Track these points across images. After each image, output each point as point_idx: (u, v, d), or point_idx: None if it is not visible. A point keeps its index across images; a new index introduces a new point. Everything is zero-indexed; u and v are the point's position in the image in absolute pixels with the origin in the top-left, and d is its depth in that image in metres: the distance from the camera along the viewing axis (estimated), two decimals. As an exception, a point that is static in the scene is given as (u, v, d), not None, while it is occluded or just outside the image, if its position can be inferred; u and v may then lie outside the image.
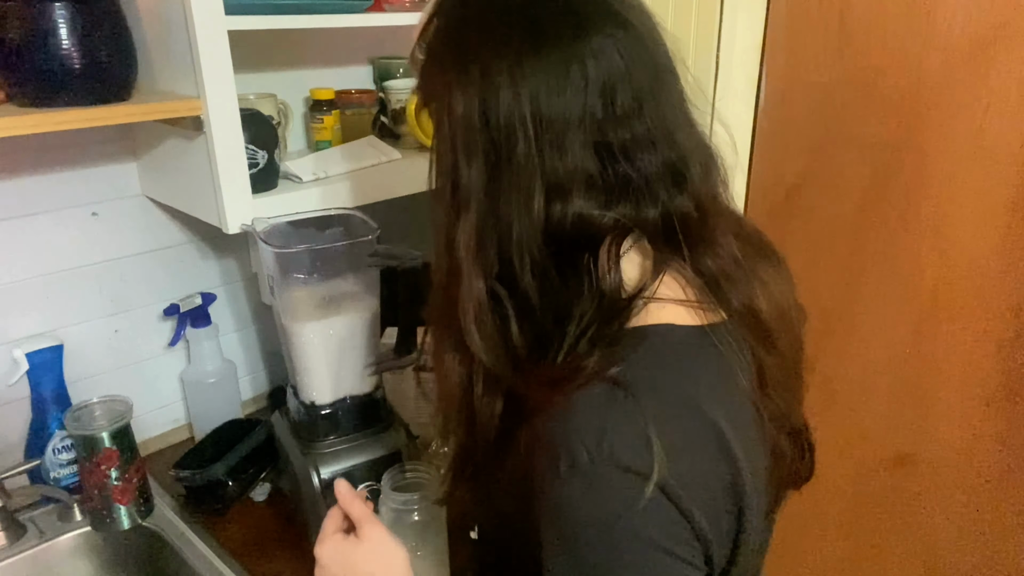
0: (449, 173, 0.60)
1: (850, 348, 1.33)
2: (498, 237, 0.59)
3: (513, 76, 0.57)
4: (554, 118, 0.57)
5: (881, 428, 1.34)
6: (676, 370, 0.57)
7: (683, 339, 0.58)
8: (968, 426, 1.27)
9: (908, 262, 1.24)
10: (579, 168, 0.57)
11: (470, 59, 0.58)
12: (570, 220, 0.58)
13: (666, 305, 0.58)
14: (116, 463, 1.01)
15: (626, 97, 0.58)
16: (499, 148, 0.57)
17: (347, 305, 0.99)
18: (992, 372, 1.23)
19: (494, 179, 0.58)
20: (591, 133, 0.57)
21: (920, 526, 1.37)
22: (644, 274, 0.59)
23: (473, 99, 0.57)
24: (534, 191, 0.57)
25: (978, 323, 1.21)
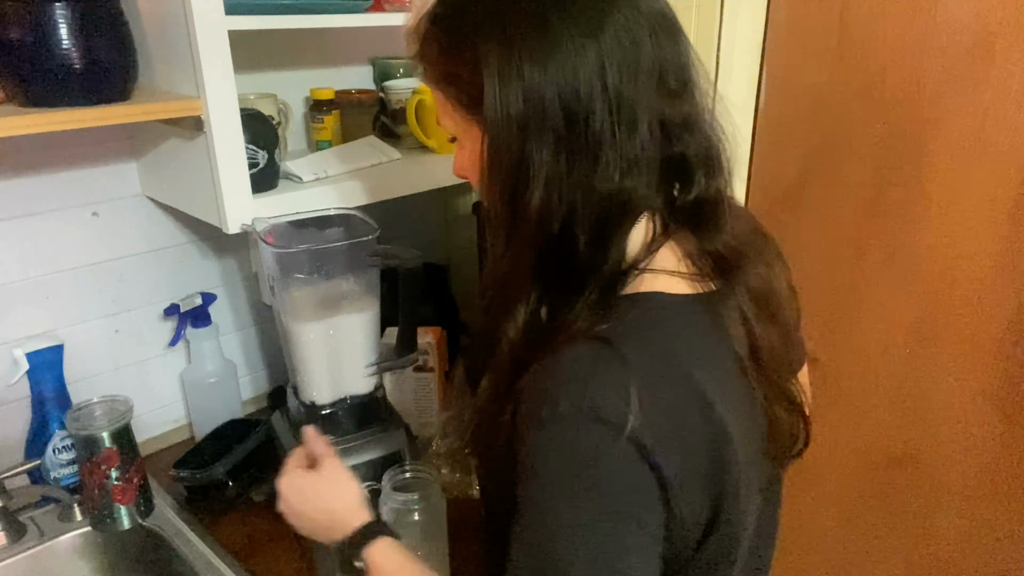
0: (512, 145, 0.58)
1: (850, 348, 1.33)
2: (565, 210, 0.58)
3: (596, 44, 0.55)
4: (629, 92, 0.56)
5: (881, 428, 1.34)
6: (662, 332, 0.58)
7: (672, 305, 0.59)
8: (968, 426, 1.27)
9: (908, 262, 1.24)
10: (646, 146, 0.58)
11: (541, 21, 0.56)
12: (627, 196, 0.58)
13: (659, 275, 0.60)
14: (116, 463, 1.01)
15: (676, 77, 0.59)
16: (574, 120, 0.56)
17: (347, 305, 0.99)
18: (992, 372, 1.23)
19: (566, 152, 0.57)
20: (654, 110, 0.58)
21: (920, 526, 1.37)
22: (644, 247, 0.61)
23: (547, 67, 0.55)
24: (609, 167, 0.57)
25: (978, 323, 1.21)
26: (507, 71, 0.56)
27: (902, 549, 1.40)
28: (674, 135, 0.59)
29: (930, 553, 1.37)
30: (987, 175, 1.14)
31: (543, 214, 0.58)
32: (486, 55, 0.57)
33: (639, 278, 0.60)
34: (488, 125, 0.58)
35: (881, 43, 1.16)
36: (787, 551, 1.51)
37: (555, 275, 0.60)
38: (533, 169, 0.57)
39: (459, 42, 0.60)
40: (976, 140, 1.14)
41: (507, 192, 0.59)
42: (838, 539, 1.46)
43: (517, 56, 0.55)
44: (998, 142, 1.12)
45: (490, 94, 0.57)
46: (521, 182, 0.58)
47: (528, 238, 0.59)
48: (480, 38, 0.57)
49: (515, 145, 0.57)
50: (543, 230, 0.58)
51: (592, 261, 0.59)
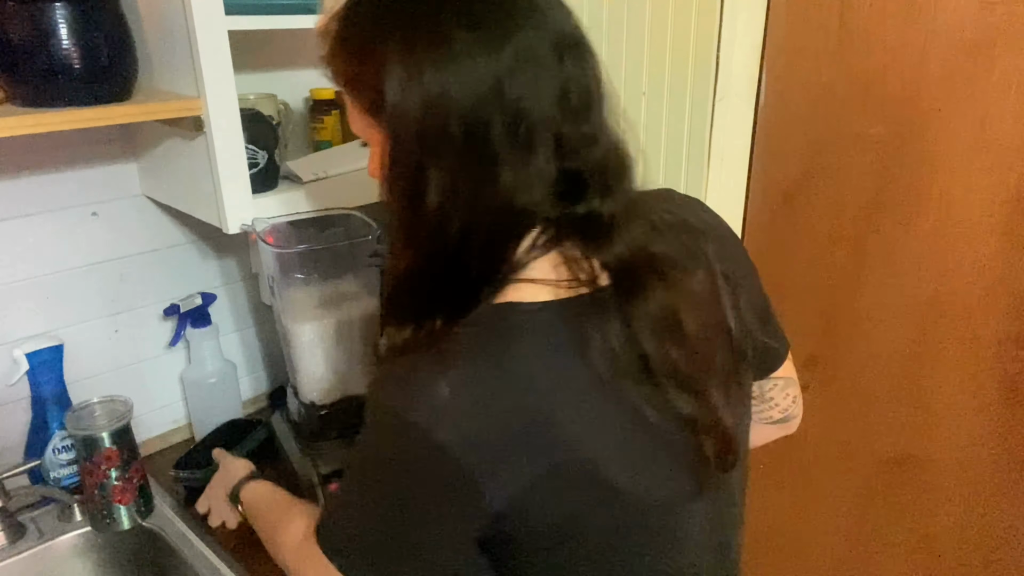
0: (411, 151, 0.58)
1: (850, 348, 1.33)
2: (460, 221, 0.58)
3: (493, 55, 0.56)
4: (528, 108, 0.57)
5: (881, 428, 1.34)
6: (502, 343, 0.58)
7: (523, 314, 0.59)
8: (968, 426, 1.27)
9: (908, 262, 1.24)
10: (541, 162, 0.58)
11: (443, 31, 0.56)
12: (522, 210, 0.59)
13: (523, 285, 0.60)
14: (116, 463, 1.01)
15: (577, 97, 0.59)
16: (471, 132, 0.56)
17: (347, 305, 0.99)
18: (992, 372, 1.23)
19: (463, 163, 0.57)
20: (553, 128, 0.58)
21: (920, 526, 1.37)
22: (524, 255, 0.61)
23: (446, 77, 0.55)
24: (505, 181, 0.57)
25: (979, 323, 1.21)
26: (407, 80, 0.56)
27: (902, 549, 1.40)
28: (571, 152, 0.59)
29: (930, 553, 1.37)
30: (987, 175, 1.14)
31: (439, 223, 0.59)
32: (388, 62, 0.57)
33: (507, 287, 0.60)
34: (388, 132, 0.59)
35: (881, 43, 1.16)
36: (787, 551, 1.52)
37: (447, 285, 0.61)
38: (430, 179, 0.58)
39: (363, 48, 0.60)
40: (976, 140, 1.14)
41: (405, 199, 0.60)
42: (838, 539, 1.46)
43: (417, 65, 0.56)
44: (998, 142, 1.12)
45: (390, 101, 0.57)
46: (419, 190, 0.58)
47: (424, 246, 0.61)
48: (383, 46, 0.58)
49: (413, 153, 0.58)
50: (439, 239, 0.59)
51: (482, 273, 0.60)
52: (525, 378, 0.57)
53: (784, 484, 1.43)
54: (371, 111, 0.61)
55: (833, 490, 1.42)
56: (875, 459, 1.37)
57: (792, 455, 1.42)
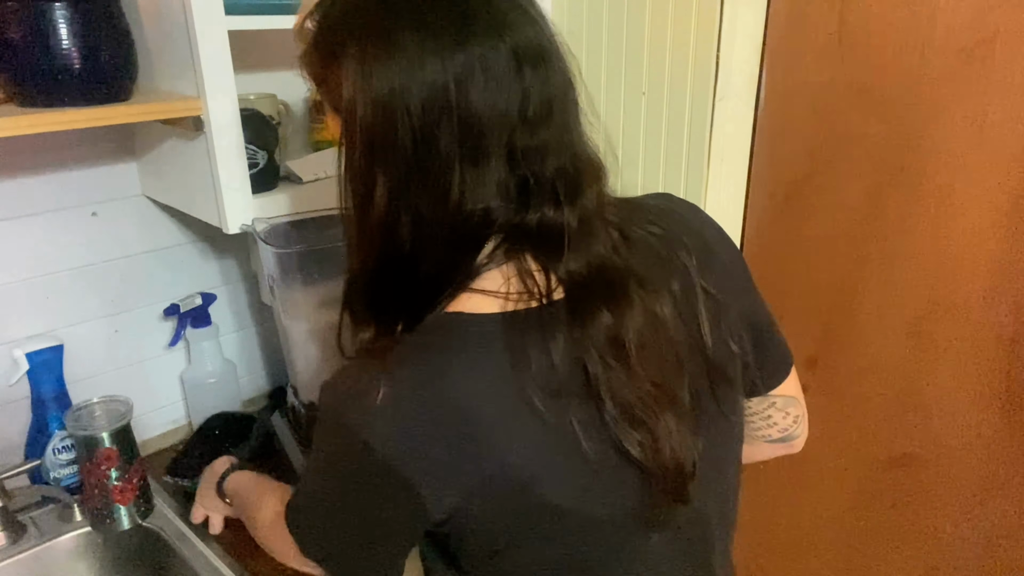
0: (362, 153, 0.59)
1: (850, 348, 1.33)
2: (409, 223, 0.59)
3: (444, 62, 0.55)
4: (479, 113, 0.56)
5: (881, 428, 1.34)
6: (439, 352, 0.59)
7: (465, 324, 0.60)
8: (968, 426, 1.27)
9: (908, 262, 1.24)
10: (492, 172, 0.58)
11: (394, 35, 0.56)
12: (476, 218, 0.59)
13: (474, 295, 0.60)
14: (116, 463, 1.01)
15: (538, 107, 0.59)
16: (419, 136, 0.56)
17: (347, 305, 0.99)
18: (992, 372, 1.23)
19: (411, 167, 0.57)
20: (505, 136, 0.58)
21: (920, 526, 1.37)
22: (476, 267, 0.61)
23: (395, 80, 0.56)
24: (452, 186, 0.57)
25: (978, 323, 1.21)
26: (359, 83, 0.57)
27: (902, 549, 1.40)
28: (525, 161, 0.59)
29: (930, 553, 1.37)
30: (987, 175, 1.14)
31: (388, 227, 0.59)
32: (345, 64, 0.58)
33: (458, 296, 0.60)
34: (341, 128, 0.60)
35: (881, 43, 1.16)
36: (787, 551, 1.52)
37: (402, 290, 0.62)
38: (378, 182, 0.58)
39: (329, 47, 0.61)
40: (976, 140, 1.14)
41: (355, 199, 0.61)
42: (838, 539, 1.46)
43: (368, 66, 0.56)
44: (998, 142, 1.12)
45: (345, 102, 0.58)
46: (367, 193, 0.59)
47: (374, 248, 0.61)
48: (342, 47, 0.58)
49: (364, 155, 0.59)
50: (389, 243, 0.60)
51: (437, 279, 0.60)
52: (458, 390, 0.57)
53: (784, 484, 1.43)
54: (333, 106, 0.62)
55: (833, 490, 1.42)
56: (875, 459, 1.37)
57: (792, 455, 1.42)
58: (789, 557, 1.50)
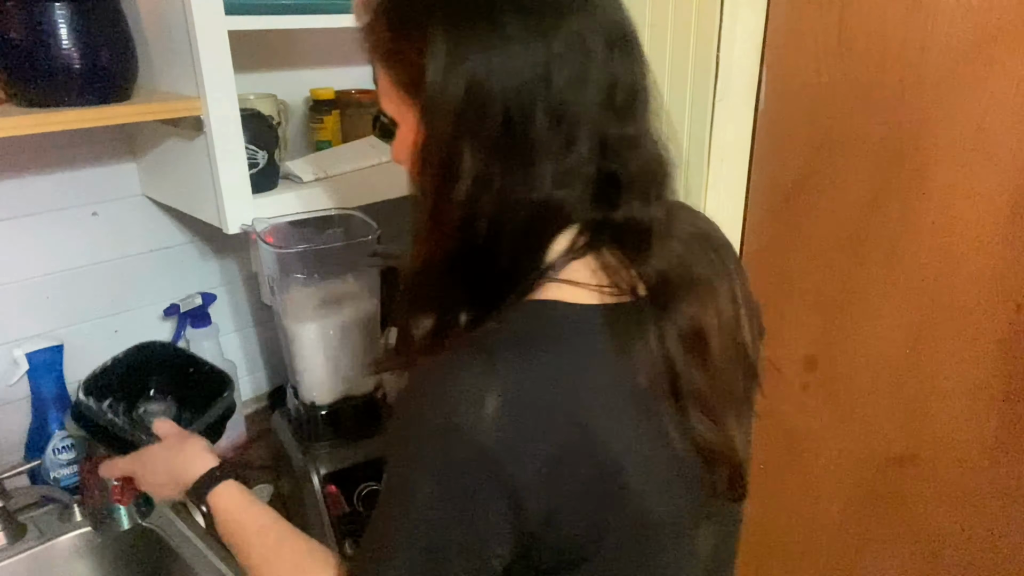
0: (446, 135, 0.56)
1: (850, 348, 1.33)
2: (491, 212, 0.56)
3: (545, 44, 0.53)
4: (574, 101, 0.54)
5: (881, 428, 1.34)
6: (546, 343, 0.57)
7: (566, 314, 0.58)
8: (968, 426, 1.27)
9: (908, 262, 1.24)
10: (582, 160, 0.56)
11: (493, 14, 0.54)
12: (558, 208, 0.57)
13: (563, 286, 0.58)
14: (116, 463, 1.01)
15: (625, 95, 0.57)
16: (512, 121, 0.54)
17: (347, 305, 0.99)
18: (992, 372, 1.23)
19: (500, 152, 0.55)
20: (597, 124, 0.56)
21: (920, 526, 1.37)
22: (560, 256, 0.59)
23: (493, 61, 0.53)
24: (541, 173, 0.55)
25: (979, 323, 1.21)
26: (451, 58, 0.54)
27: (902, 549, 1.40)
28: (613, 153, 0.57)
29: (930, 553, 1.37)
30: (987, 175, 1.14)
31: (468, 213, 0.56)
32: (433, 38, 0.54)
33: (544, 286, 0.58)
34: (424, 112, 0.57)
35: (881, 43, 1.16)
36: (787, 551, 1.52)
37: (475, 278, 0.60)
38: (464, 165, 0.55)
39: (408, 21, 0.58)
40: (976, 140, 1.14)
41: (435, 184, 0.58)
42: (838, 539, 1.46)
43: (464, 44, 0.54)
44: (998, 142, 1.12)
45: (431, 79, 0.55)
46: (450, 176, 0.56)
47: (449, 235, 0.58)
48: (430, 20, 0.55)
49: (449, 137, 0.56)
50: (466, 229, 0.57)
51: (512, 268, 0.58)
52: (569, 382, 0.56)
53: (784, 484, 1.43)
54: (408, 88, 0.59)
55: (833, 490, 1.42)
56: (875, 459, 1.37)
57: (792, 455, 1.42)
58: (789, 556, 1.50)
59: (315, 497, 0.94)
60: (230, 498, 0.77)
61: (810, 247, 1.30)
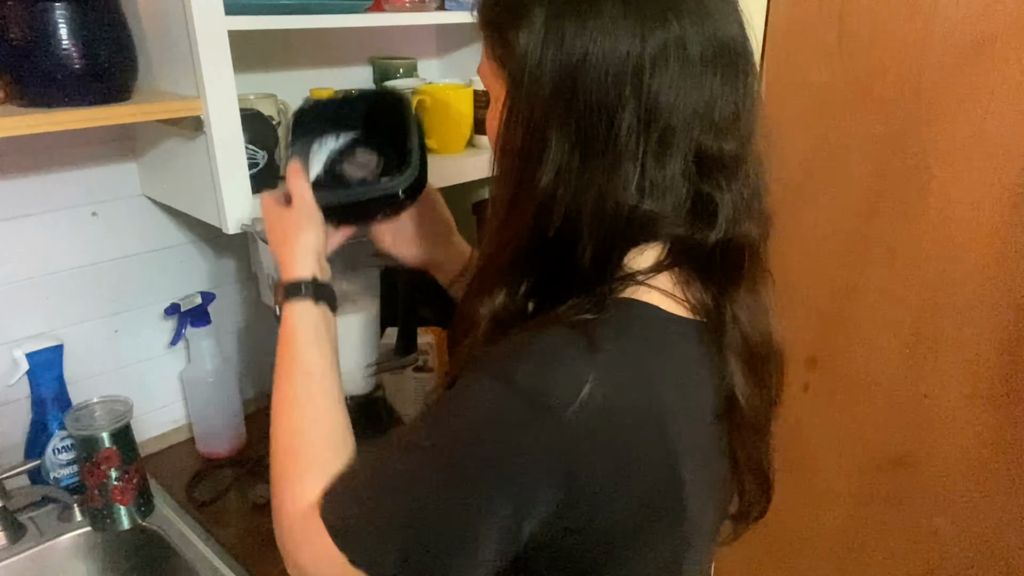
0: (533, 117, 0.54)
1: (850, 348, 1.33)
2: (570, 206, 0.54)
3: (643, 37, 0.51)
4: (667, 104, 0.52)
5: (881, 428, 1.34)
6: (643, 341, 0.56)
7: (662, 320, 0.57)
8: (968, 426, 1.27)
9: (908, 262, 1.24)
10: (675, 171, 0.54)
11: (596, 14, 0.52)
12: (645, 220, 0.55)
13: (652, 291, 0.57)
14: (116, 463, 1.01)
15: (725, 110, 0.55)
16: (600, 111, 0.52)
17: (347, 305, 0.99)
18: (992, 372, 1.23)
19: (583, 147, 0.53)
20: (692, 136, 0.54)
21: (920, 526, 1.37)
22: (649, 265, 0.58)
23: (593, 43, 0.51)
24: (628, 181, 0.53)
25: (979, 323, 1.21)
26: (547, 33, 0.53)
27: (902, 549, 1.40)
28: (708, 170, 0.55)
29: (930, 553, 1.37)
30: (987, 175, 1.14)
31: (546, 201, 0.55)
32: (531, 10, 0.53)
33: (634, 287, 0.57)
34: (511, 86, 0.55)
35: (881, 43, 1.16)
36: (787, 550, 1.52)
37: (549, 271, 0.58)
38: (548, 151, 0.54)
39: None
40: (976, 140, 1.14)
41: (516, 166, 0.56)
42: (838, 539, 1.46)
43: (561, 22, 0.52)
44: (998, 142, 1.12)
45: (522, 53, 0.54)
46: (533, 160, 0.54)
47: (524, 221, 0.56)
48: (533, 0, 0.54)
49: (534, 118, 0.54)
50: (541, 217, 0.55)
51: (591, 271, 0.56)
52: (664, 390, 0.55)
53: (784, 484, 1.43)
54: (502, 58, 0.57)
55: (833, 490, 1.42)
56: (875, 459, 1.37)
57: (792, 455, 1.42)
58: (789, 556, 1.50)
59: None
60: (299, 317, 0.73)
61: (810, 247, 1.30)
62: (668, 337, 0.57)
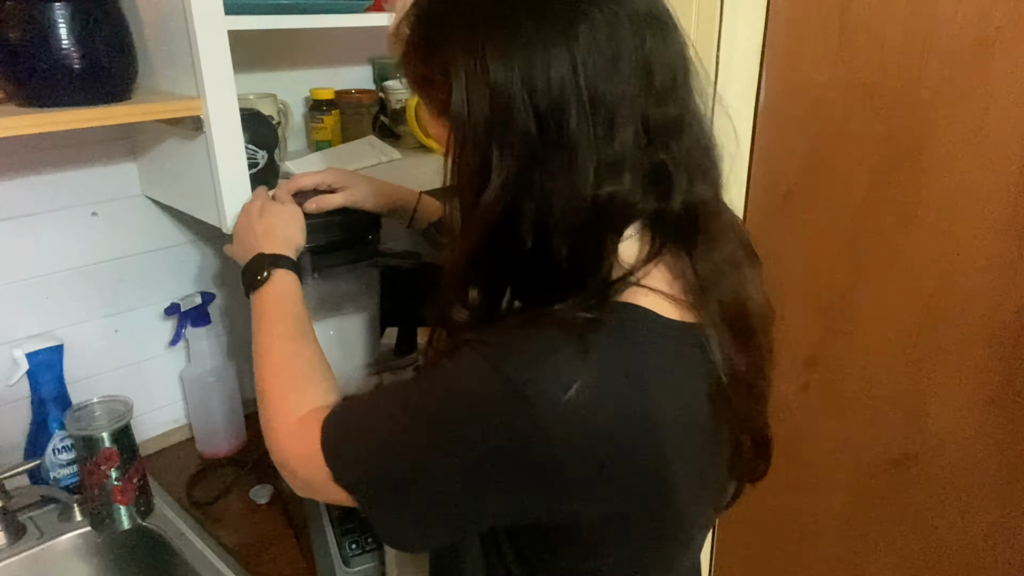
0: (476, 146, 0.56)
1: (850, 348, 1.33)
2: (533, 210, 0.56)
3: (566, 41, 0.53)
4: (607, 92, 0.54)
5: (881, 428, 1.34)
6: (638, 347, 0.57)
7: (658, 326, 0.58)
8: (968, 426, 1.27)
9: (908, 262, 1.24)
10: (627, 148, 0.56)
11: (509, 23, 0.54)
12: (610, 202, 0.56)
13: (650, 293, 0.58)
14: (116, 463, 1.01)
15: (663, 77, 0.56)
16: (545, 121, 0.54)
17: (347, 305, 0.99)
18: (992, 372, 1.23)
19: (536, 154, 0.55)
20: (636, 111, 0.55)
21: (920, 526, 1.37)
22: (639, 259, 0.59)
23: (514, 68, 0.53)
24: (587, 170, 0.55)
25: (978, 323, 1.21)
26: (472, 72, 0.55)
27: (902, 549, 1.40)
28: (658, 138, 0.57)
29: (930, 553, 1.37)
30: (986, 175, 1.14)
31: (504, 217, 0.56)
32: (453, 57, 0.56)
33: (630, 290, 0.58)
34: (454, 127, 0.57)
35: (881, 43, 1.16)
36: (787, 551, 1.52)
37: (532, 279, 0.60)
38: (497, 171, 0.55)
39: (430, 46, 0.59)
40: (976, 140, 1.14)
41: (470, 194, 0.58)
42: (838, 539, 1.46)
43: (482, 57, 0.54)
44: (998, 142, 1.12)
45: (456, 96, 0.56)
46: (483, 184, 0.56)
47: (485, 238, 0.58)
48: (448, 41, 0.57)
49: (479, 147, 0.56)
50: (507, 234, 0.57)
51: (577, 270, 0.58)
52: (649, 394, 0.56)
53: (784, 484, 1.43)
54: (441, 110, 0.60)
55: (833, 490, 1.42)
56: (875, 459, 1.37)
57: (792, 455, 1.42)
58: (788, 556, 1.50)
59: (315, 497, 0.95)
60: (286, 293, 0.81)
61: (810, 247, 1.30)
62: (664, 344, 0.58)
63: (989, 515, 1.29)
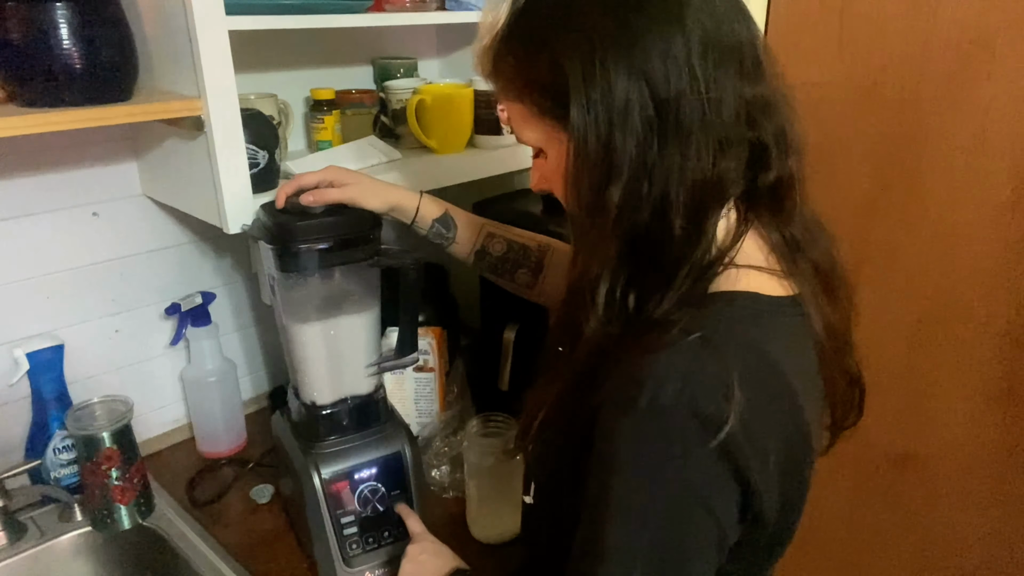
0: (600, 141, 0.57)
1: (850, 348, 1.33)
2: (656, 198, 0.57)
3: (678, 28, 0.56)
4: (714, 74, 0.56)
5: (881, 428, 1.34)
6: (758, 331, 0.59)
7: (767, 306, 0.60)
8: (968, 426, 1.27)
9: (908, 261, 1.25)
10: (731, 127, 0.58)
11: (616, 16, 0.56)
12: (720, 179, 0.58)
13: (750, 272, 0.61)
14: (116, 463, 1.01)
15: (752, 56, 0.59)
16: (664, 106, 0.56)
17: (347, 305, 0.99)
18: (993, 372, 1.23)
19: (657, 139, 0.56)
20: (736, 90, 0.58)
21: (920, 526, 1.37)
22: (728, 236, 0.61)
23: (632, 59, 0.55)
24: (701, 150, 0.57)
25: (979, 322, 1.21)
26: (590, 68, 0.56)
27: (902, 549, 1.40)
28: (754, 116, 0.59)
29: (930, 553, 1.37)
30: (986, 175, 1.14)
31: (628, 204, 0.58)
32: (567, 56, 0.57)
33: (728, 273, 0.60)
34: (574, 125, 0.58)
35: (881, 43, 1.16)
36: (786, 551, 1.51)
37: (646, 265, 0.60)
38: (621, 161, 0.57)
39: (536, 50, 0.60)
40: (976, 140, 1.14)
41: (594, 188, 0.59)
42: (838, 539, 1.46)
43: (600, 51, 0.56)
44: (998, 142, 1.12)
45: (575, 93, 0.57)
46: (608, 175, 0.57)
47: (611, 229, 0.59)
48: (558, 42, 0.58)
49: (603, 140, 0.57)
50: (629, 221, 0.58)
51: (685, 249, 0.59)
52: (779, 364, 0.58)
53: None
54: (552, 111, 0.61)
55: (833, 489, 1.42)
56: (875, 458, 1.37)
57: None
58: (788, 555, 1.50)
59: (315, 497, 0.94)
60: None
61: (810, 247, 1.30)
62: (774, 322, 0.61)
63: (989, 515, 1.29)
